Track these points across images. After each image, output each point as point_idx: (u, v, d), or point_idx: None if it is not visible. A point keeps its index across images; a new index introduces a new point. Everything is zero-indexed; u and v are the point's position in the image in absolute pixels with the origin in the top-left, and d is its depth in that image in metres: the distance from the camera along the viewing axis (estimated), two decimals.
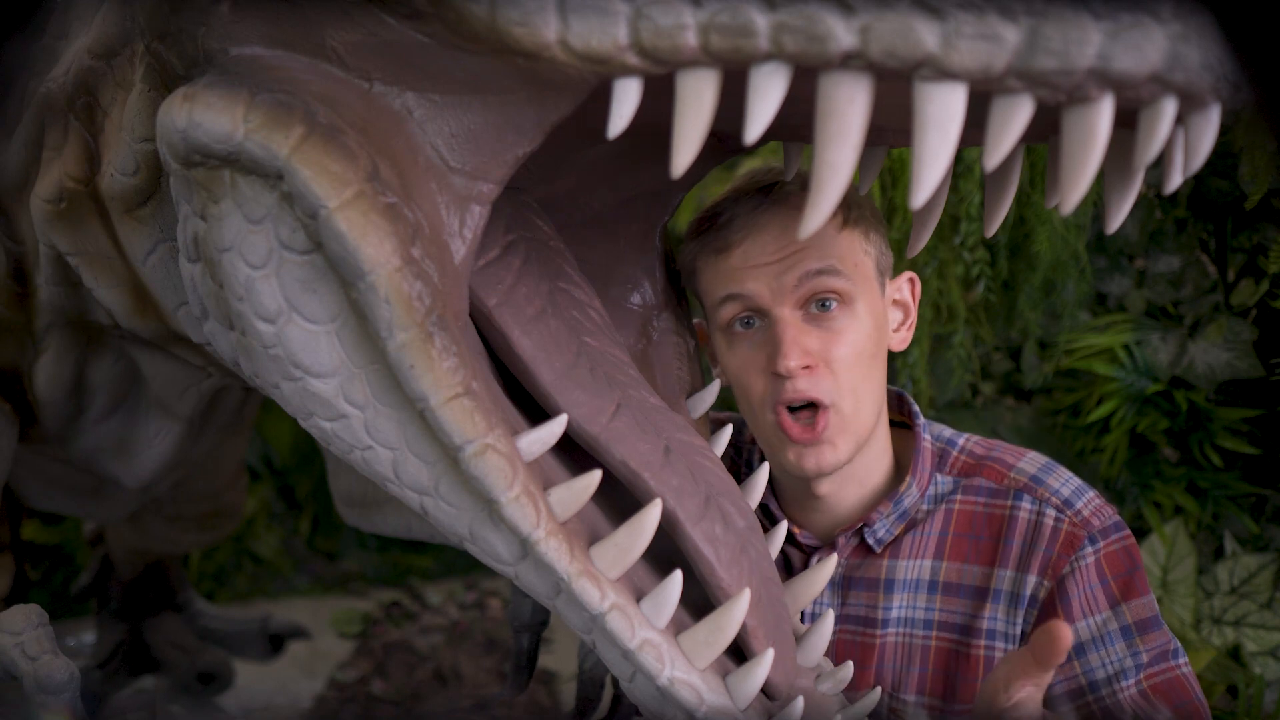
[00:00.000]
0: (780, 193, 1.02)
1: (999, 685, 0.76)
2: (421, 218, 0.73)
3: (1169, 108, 0.58)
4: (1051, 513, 1.02)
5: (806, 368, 0.97)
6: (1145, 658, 0.99)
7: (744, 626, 0.81)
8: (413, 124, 0.75)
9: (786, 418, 1.00)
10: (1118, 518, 1.04)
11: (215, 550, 3.95)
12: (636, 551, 0.78)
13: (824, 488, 1.06)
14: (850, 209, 1.02)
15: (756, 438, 1.08)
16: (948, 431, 1.14)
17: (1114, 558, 1.01)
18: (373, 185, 0.70)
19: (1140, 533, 2.53)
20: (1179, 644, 1.01)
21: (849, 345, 0.98)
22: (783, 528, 0.99)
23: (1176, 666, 0.99)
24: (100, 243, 0.99)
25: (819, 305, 0.99)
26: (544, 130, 0.73)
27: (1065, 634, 0.70)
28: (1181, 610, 2.45)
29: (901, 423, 1.15)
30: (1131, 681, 0.98)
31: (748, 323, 1.02)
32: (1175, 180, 0.67)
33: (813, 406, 0.99)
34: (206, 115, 0.71)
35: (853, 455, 1.02)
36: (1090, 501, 1.03)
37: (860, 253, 1.02)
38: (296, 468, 4.30)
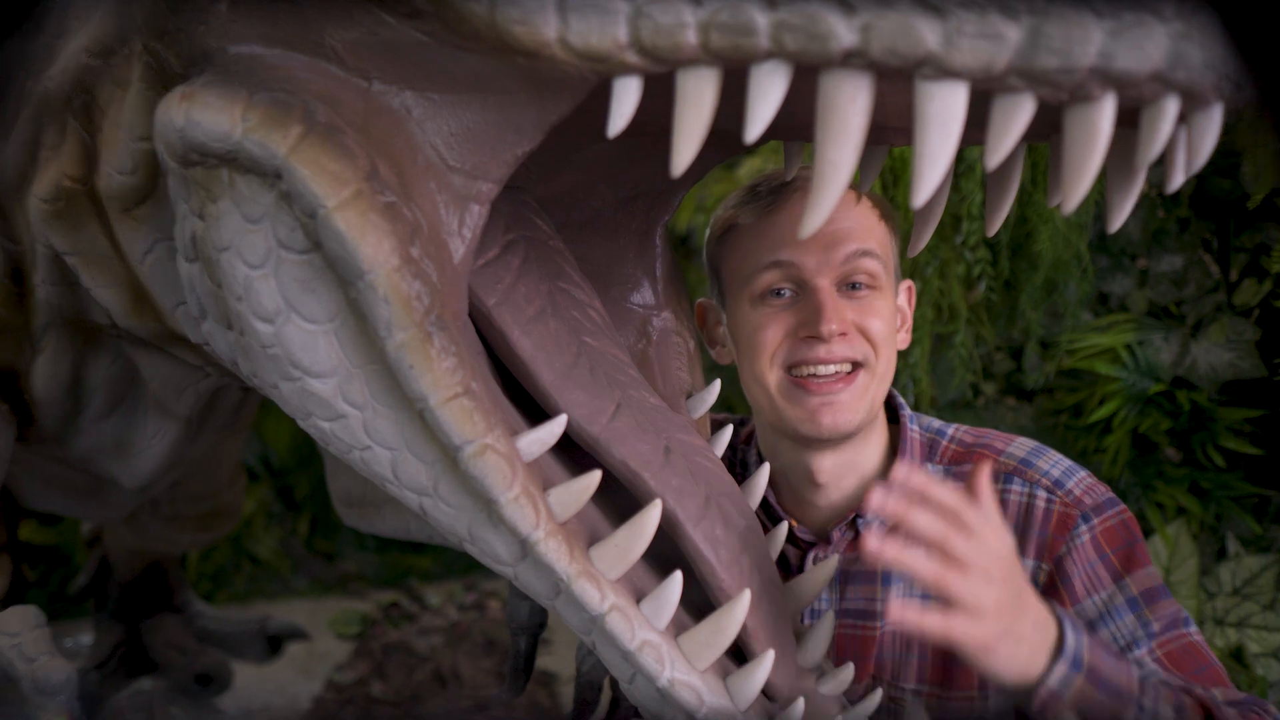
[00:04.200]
0: None
1: None
2: (420, 217, 0.73)
3: (1171, 107, 0.58)
4: (1042, 494, 1.02)
5: (844, 335, 1.00)
6: (1156, 626, 0.98)
7: (744, 627, 0.81)
8: (412, 123, 0.75)
9: (805, 378, 1.01)
10: (1111, 494, 1.04)
11: (213, 551, 3.95)
12: (636, 552, 0.78)
13: (824, 475, 1.06)
14: (882, 205, 1.06)
15: (760, 403, 1.07)
16: (936, 423, 1.14)
17: (1111, 533, 1.01)
18: (371, 184, 0.70)
19: (1143, 533, 2.53)
20: (1187, 613, 1.01)
21: (881, 317, 1.02)
22: (783, 528, 0.99)
23: (1189, 634, 0.98)
24: (98, 242, 0.99)
25: (850, 285, 1.02)
26: (543, 129, 0.74)
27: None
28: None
29: (892, 418, 1.16)
30: (1144, 650, 0.97)
31: (780, 293, 1.03)
32: (1178, 179, 0.67)
33: (850, 370, 1.02)
34: (205, 114, 0.71)
35: (861, 425, 1.03)
36: (1081, 480, 1.04)
37: (889, 246, 1.06)
38: (295, 468, 4.29)
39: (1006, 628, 0.75)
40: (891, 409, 1.16)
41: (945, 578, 0.73)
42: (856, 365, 1.01)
